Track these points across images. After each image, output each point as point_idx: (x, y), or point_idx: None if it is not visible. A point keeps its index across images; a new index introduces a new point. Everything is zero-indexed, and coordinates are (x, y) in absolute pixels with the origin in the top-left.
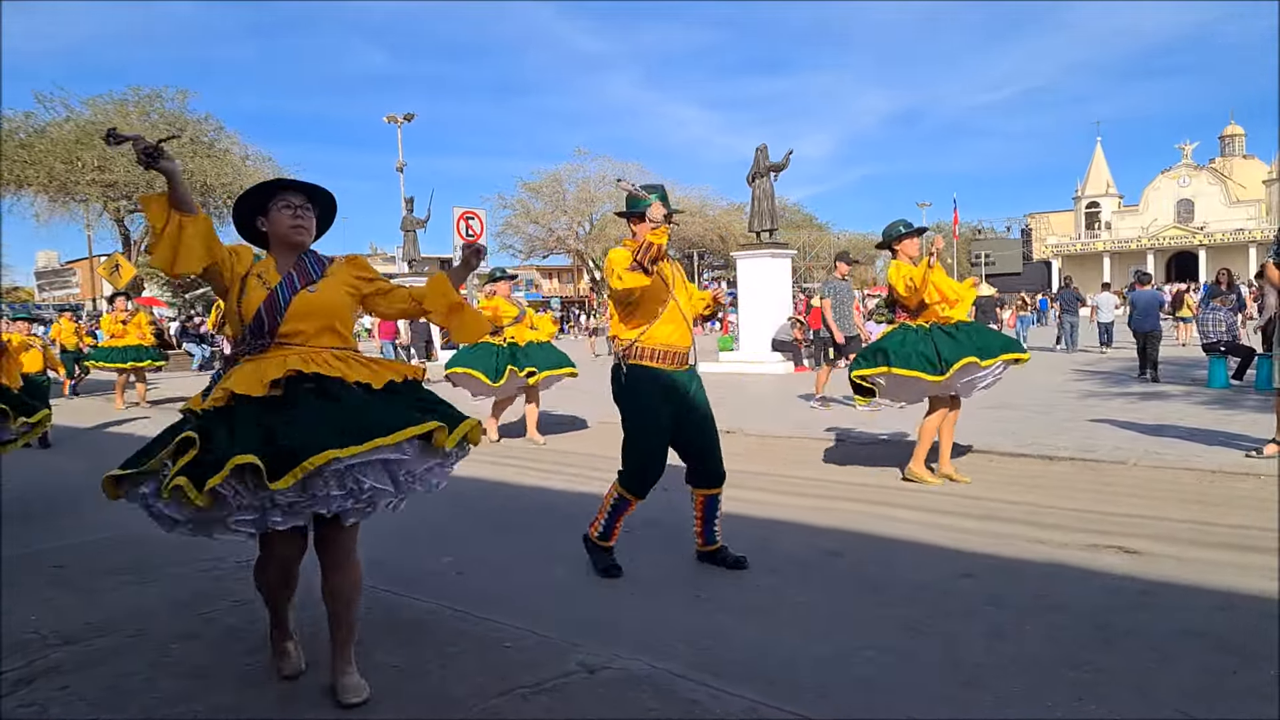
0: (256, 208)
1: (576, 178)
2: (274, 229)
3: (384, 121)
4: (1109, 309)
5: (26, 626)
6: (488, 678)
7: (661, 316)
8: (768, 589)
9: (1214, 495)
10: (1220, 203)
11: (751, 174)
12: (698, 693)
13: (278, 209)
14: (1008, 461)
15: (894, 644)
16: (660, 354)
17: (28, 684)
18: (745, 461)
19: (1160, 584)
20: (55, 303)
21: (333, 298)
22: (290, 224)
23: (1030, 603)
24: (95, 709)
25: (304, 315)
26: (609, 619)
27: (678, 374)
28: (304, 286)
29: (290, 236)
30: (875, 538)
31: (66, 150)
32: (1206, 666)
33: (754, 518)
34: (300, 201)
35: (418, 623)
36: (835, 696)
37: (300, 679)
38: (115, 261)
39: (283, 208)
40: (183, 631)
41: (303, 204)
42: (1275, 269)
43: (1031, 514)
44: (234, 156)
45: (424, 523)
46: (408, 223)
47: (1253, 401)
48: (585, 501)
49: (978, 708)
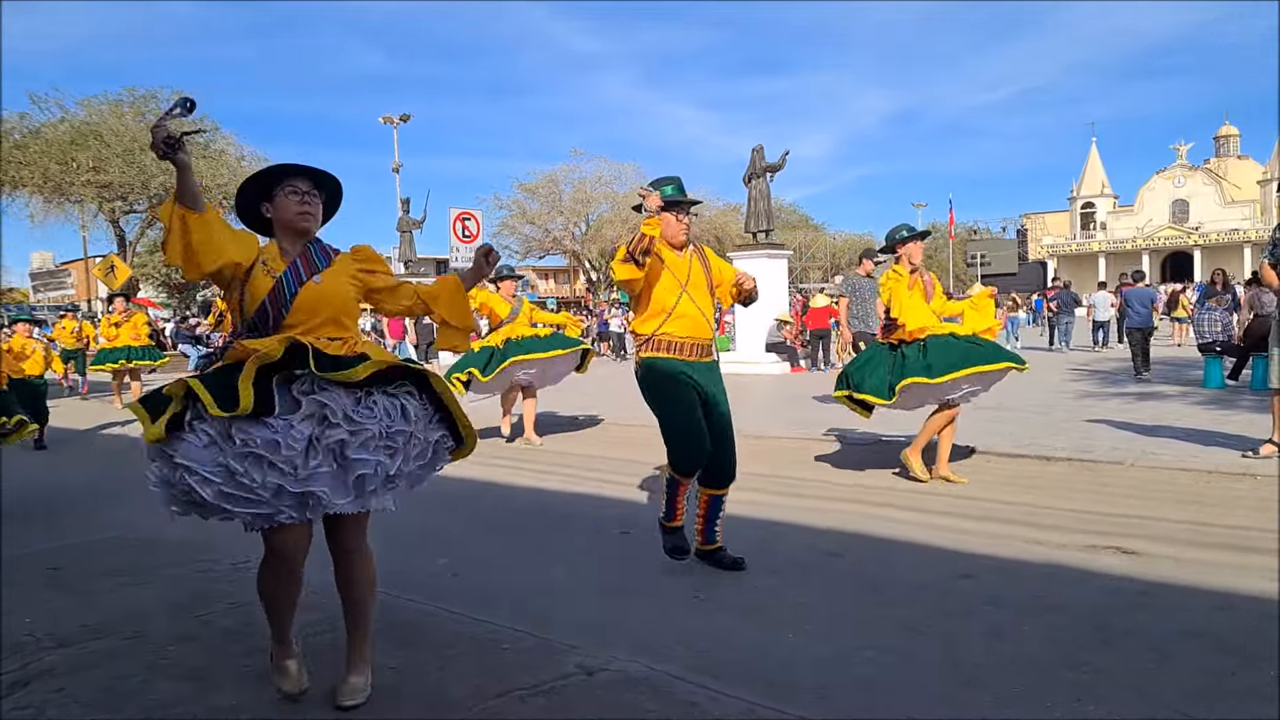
0: (261, 193)
1: (573, 178)
2: (280, 215)
3: (380, 122)
4: (1105, 308)
5: (22, 628)
6: (485, 679)
7: (676, 310)
8: (767, 590)
9: (1211, 496)
10: (1215, 203)
11: (748, 175)
12: (696, 694)
13: (284, 194)
14: (1005, 462)
15: (893, 644)
16: (678, 345)
17: (23, 686)
18: (744, 462)
19: (1159, 584)
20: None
21: (336, 288)
22: (297, 210)
23: (1029, 603)
24: (91, 711)
25: (308, 307)
26: (607, 620)
27: (698, 365)
28: (310, 277)
29: (296, 223)
30: (874, 538)
31: (61, 151)
32: (1205, 667)
33: (753, 518)
34: (307, 187)
35: (414, 624)
36: (835, 697)
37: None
38: (110, 262)
39: (289, 193)
40: (180, 633)
41: (309, 189)
42: (1270, 270)
43: (1029, 514)
44: (230, 157)
45: (418, 524)
46: (404, 223)
47: (1248, 402)
48: (581, 502)
49: (977, 708)
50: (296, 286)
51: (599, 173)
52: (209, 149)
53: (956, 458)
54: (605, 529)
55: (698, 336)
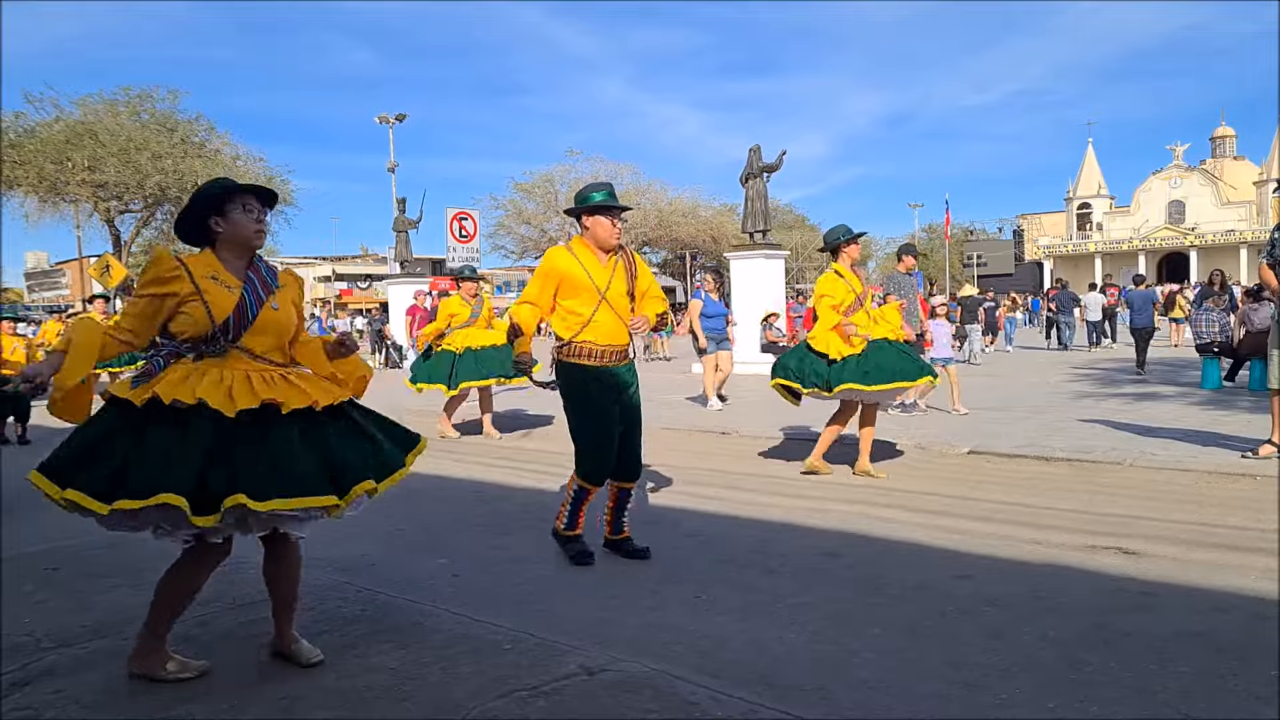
0: (213, 207)
1: (569, 179)
2: (235, 230)
3: (375, 122)
4: (1096, 308)
5: (21, 629)
6: (487, 680)
7: (594, 318)
8: (767, 590)
9: (1210, 496)
10: (1211, 204)
11: (745, 174)
12: (697, 694)
13: (240, 211)
14: (1003, 462)
15: (894, 645)
16: (598, 353)
17: (23, 687)
18: (741, 463)
19: (1159, 585)
20: (45, 304)
21: (286, 316)
22: (255, 228)
23: (1029, 603)
24: (91, 712)
25: (263, 330)
26: (607, 621)
27: (616, 369)
28: (267, 297)
29: (253, 240)
30: (873, 539)
31: (56, 150)
32: (1206, 667)
33: (751, 519)
34: (258, 205)
35: (414, 625)
36: (836, 698)
37: (295, 681)
38: (106, 262)
39: (245, 210)
40: (177, 634)
41: (261, 208)
42: (1269, 271)
43: (1028, 515)
44: (225, 157)
45: (417, 525)
46: (400, 223)
47: (1246, 402)
48: None
49: (979, 709)
50: (258, 307)
51: (595, 173)
52: (204, 148)
53: (954, 456)
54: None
55: (616, 343)
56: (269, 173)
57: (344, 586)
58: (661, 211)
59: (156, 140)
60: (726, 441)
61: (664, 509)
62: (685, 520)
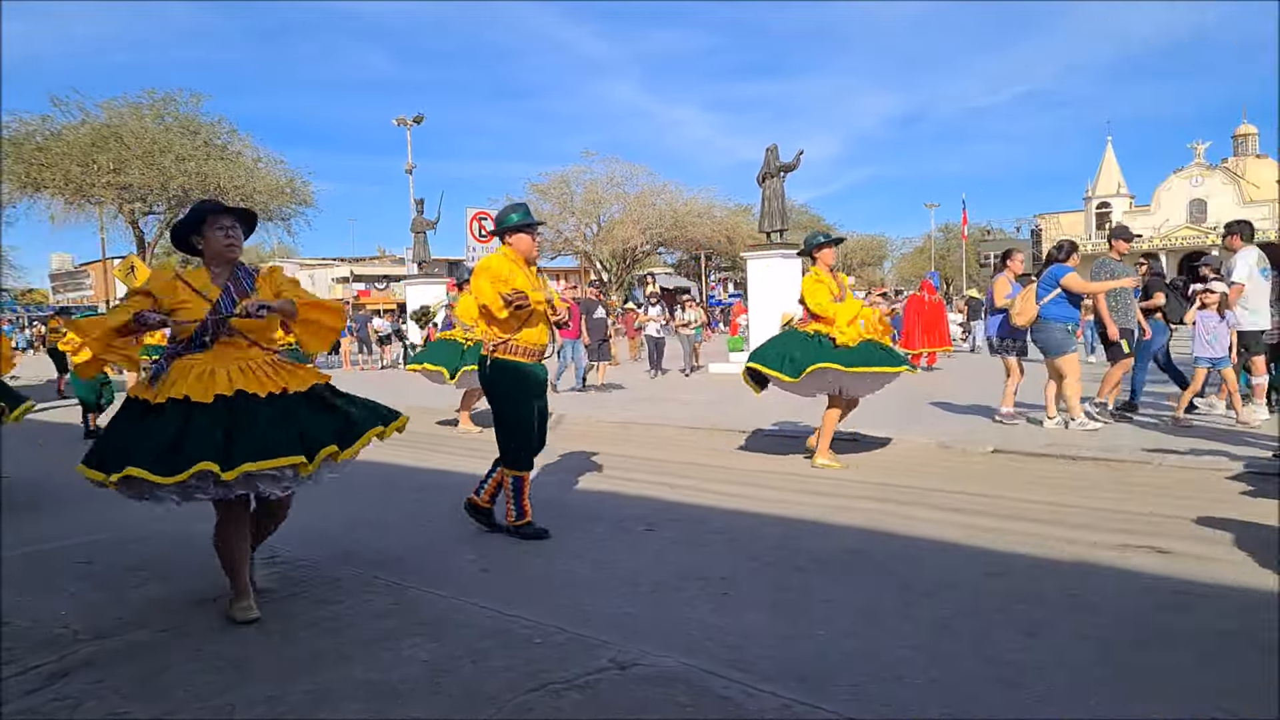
0: (193, 227)
1: (584, 179)
2: (211, 247)
3: (393, 124)
4: None
5: (57, 621)
6: (518, 674)
7: (529, 320)
8: (794, 586)
9: (1242, 496)
10: (1233, 203)
11: (762, 174)
12: (730, 689)
13: (213, 230)
14: (1030, 461)
15: (925, 642)
16: (531, 351)
17: (62, 677)
18: (763, 460)
19: (1195, 583)
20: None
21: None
22: (225, 243)
23: (1063, 601)
24: (129, 702)
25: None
26: (634, 616)
27: (536, 366)
28: (240, 299)
29: (225, 254)
30: (899, 536)
31: (82, 153)
32: (1246, 666)
33: (775, 515)
34: (230, 223)
35: (445, 619)
36: (869, 694)
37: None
38: (131, 263)
39: (217, 229)
40: (213, 626)
41: (232, 224)
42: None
43: (1057, 514)
44: (246, 159)
45: (444, 519)
46: (418, 224)
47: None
48: (604, 500)
49: (1016, 707)
50: (232, 309)
51: (610, 174)
52: (226, 151)
53: (977, 455)
54: (629, 526)
55: (542, 343)
56: (290, 174)
57: (373, 580)
58: (677, 212)
59: (180, 143)
60: (739, 437)
61: (689, 506)
62: (710, 518)
